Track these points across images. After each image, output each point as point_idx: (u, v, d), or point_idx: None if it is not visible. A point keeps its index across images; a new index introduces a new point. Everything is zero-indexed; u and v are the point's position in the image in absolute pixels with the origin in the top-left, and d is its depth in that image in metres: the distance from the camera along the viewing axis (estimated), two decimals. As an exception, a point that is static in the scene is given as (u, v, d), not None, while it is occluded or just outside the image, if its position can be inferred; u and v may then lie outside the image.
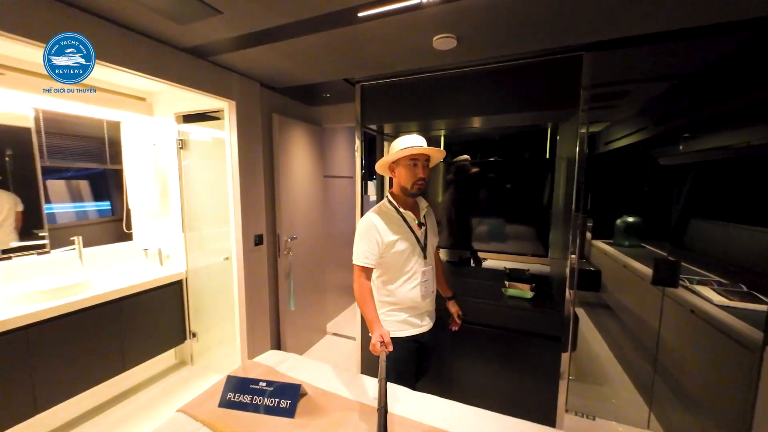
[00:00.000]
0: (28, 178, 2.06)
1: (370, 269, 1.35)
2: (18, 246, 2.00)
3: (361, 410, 1.19)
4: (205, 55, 1.76)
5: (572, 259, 1.73)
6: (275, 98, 2.44)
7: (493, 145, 2.59)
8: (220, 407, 1.19)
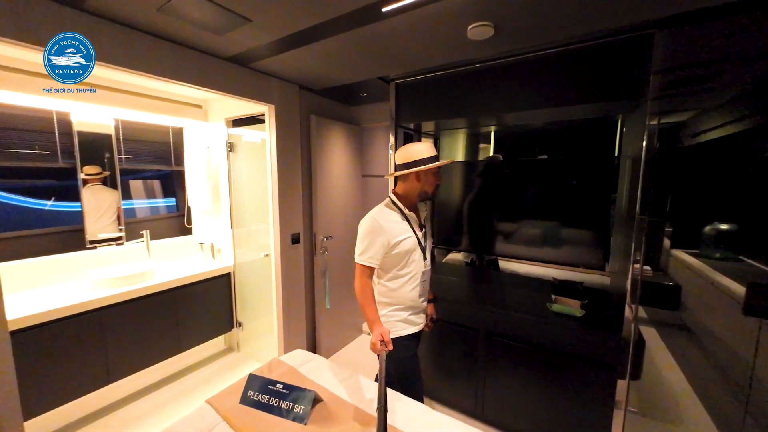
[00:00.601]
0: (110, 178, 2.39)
1: (373, 269, 1.37)
2: (103, 238, 2.34)
3: (374, 425, 1.14)
4: (245, 62, 1.85)
5: (634, 269, 1.47)
6: (314, 100, 2.49)
7: (550, 141, 2.33)
8: (240, 404, 1.24)
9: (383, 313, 1.44)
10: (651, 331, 3.00)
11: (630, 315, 1.52)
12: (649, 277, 2.12)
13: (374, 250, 1.34)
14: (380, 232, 1.35)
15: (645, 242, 1.47)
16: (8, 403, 1.21)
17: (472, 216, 2.31)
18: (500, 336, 1.82)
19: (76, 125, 2.21)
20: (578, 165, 1.94)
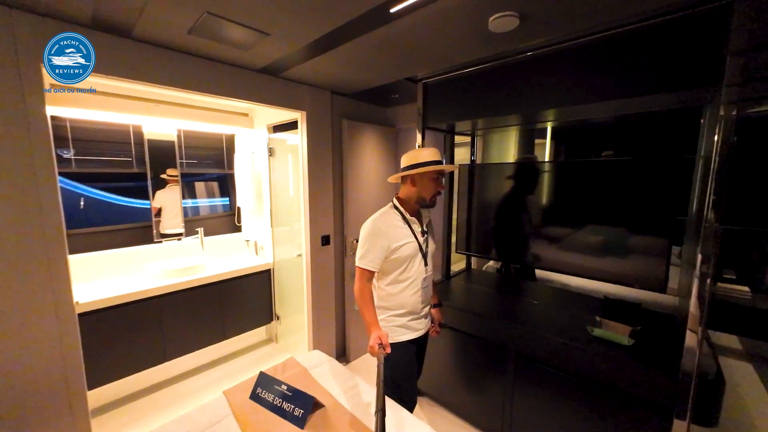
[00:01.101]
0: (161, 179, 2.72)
1: (373, 273, 1.37)
2: (168, 233, 2.69)
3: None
4: (275, 72, 1.94)
5: (697, 287, 1.21)
6: (347, 104, 2.52)
7: (616, 137, 2.05)
8: (249, 399, 1.31)
9: (382, 317, 1.43)
10: (747, 367, 2.46)
11: (695, 343, 1.24)
12: (747, 299, 1.73)
13: (373, 255, 1.34)
14: (380, 236, 1.34)
15: (715, 254, 1.19)
16: (75, 374, 1.45)
17: (505, 222, 2.14)
18: (531, 357, 1.64)
19: (147, 135, 2.56)
20: (644, 164, 1.65)
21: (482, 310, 1.87)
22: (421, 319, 1.49)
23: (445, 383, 2.06)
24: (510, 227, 2.12)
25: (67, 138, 2.30)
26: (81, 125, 2.34)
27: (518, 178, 2.08)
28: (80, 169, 2.39)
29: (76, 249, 2.31)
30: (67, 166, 2.31)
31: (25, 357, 1.32)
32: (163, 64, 1.58)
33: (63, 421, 1.43)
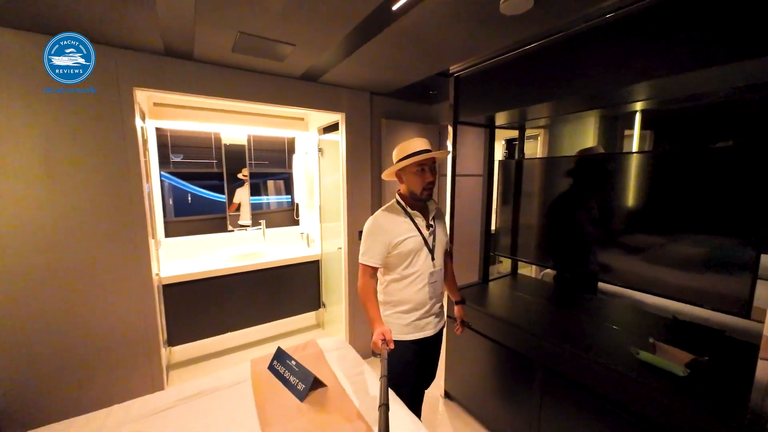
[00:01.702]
0: (238, 179, 3.18)
1: (375, 268, 1.37)
2: (242, 224, 3.15)
3: (360, 421, 1.17)
4: (314, 78, 2.12)
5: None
6: (387, 104, 2.58)
7: (728, 121, 1.67)
8: (267, 369, 1.48)
9: (388, 313, 1.43)
10: None
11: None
12: None
13: (375, 250, 1.35)
14: (381, 232, 1.35)
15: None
16: (151, 332, 1.84)
17: (564, 225, 1.90)
18: (562, 375, 1.47)
19: (224, 141, 3.04)
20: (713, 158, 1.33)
21: (516, 318, 1.73)
22: (431, 317, 1.46)
23: (474, 391, 1.97)
24: (569, 231, 1.87)
25: (167, 145, 2.89)
26: (178, 134, 2.92)
27: (581, 175, 1.81)
28: (177, 170, 2.98)
29: (178, 233, 2.89)
30: (170, 167, 2.91)
31: (116, 316, 1.73)
32: (219, 79, 1.88)
33: (143, 368, 1.83)
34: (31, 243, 1.52)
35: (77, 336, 1.65)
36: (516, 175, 2.14)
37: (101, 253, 1.67)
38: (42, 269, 1.55)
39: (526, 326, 1.64)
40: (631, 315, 1.78)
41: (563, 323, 1.67)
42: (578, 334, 1.55)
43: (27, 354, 1.55)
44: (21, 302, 1.52)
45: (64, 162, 1.55)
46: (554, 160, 2.04)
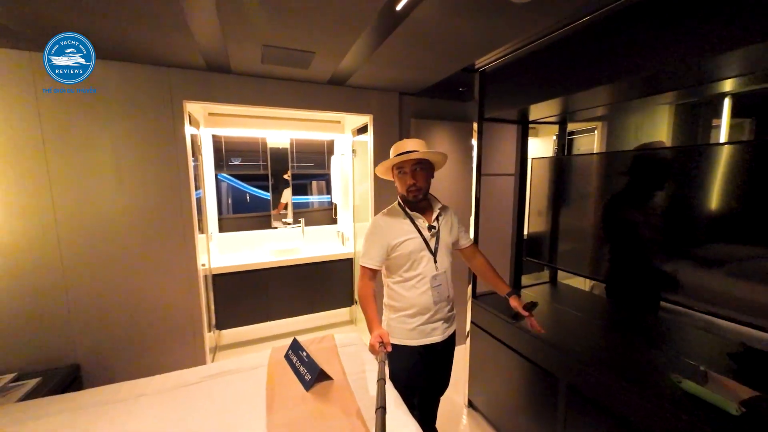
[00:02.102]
0: (285, 180, 3.42)
1: (375, 270, 1.36)
2: (286, 222, 3.40)
3: (351, 426, 1.19)
4: (341, 82, 2.20)
5: None
6: (418, 103, 2.56)
7: None
8: (283, 357, 1.59)
9: (393, 317, 1.41)
10: None
11: None
12: None
13: (373, 252, 1.35)
14: (379, 233, 1.35)
15: None
16: (196, 315, 2.09)
17: (614, 230, 1.64)
18: (588, 398, 1.32)
19: (269, 144, 3.30)
20: None
21: (550, 333, 1.56)
22: (437, 322, 1.41)
23: (498, 403, 1.87)
24: (628, 238, 1.57)
25: (221, 150, 3.23)
26: (231, 140, 3.25)
27: (646, 172, 1.50)
28: (232, 172, 3.32)
29: (231, 228, 3.23)
30: (226, 169, 3.26)
31: (167, 299, 2.00)
32: (255, 89, 2.06)
33: (188, 346, 2.09)
34: (104, 232, 1.83)
35: (138, 312, 1.95)
36: (556, 173, 1.94)
37: (156, 245, 1.94)
38: (112, 254, 1.86)
39: (558, 342, 1.48)
40: (693, 337, 1.51)
41: (607, 343, 1.47)
42: (621, 355, 1.37)
43: (101, 324, 1.87)
44: (98, 280, 1.84)
45: (129, 167, 1.84)
46: (608, 156, 1.76)
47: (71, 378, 1.78)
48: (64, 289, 1.78)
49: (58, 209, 1.74)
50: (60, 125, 1.70)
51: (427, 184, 1.38)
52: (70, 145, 1.73)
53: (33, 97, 1.64)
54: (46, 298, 1.75)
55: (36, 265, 1.71)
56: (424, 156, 1.32)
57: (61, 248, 1.76)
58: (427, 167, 1.36)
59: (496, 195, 2.93)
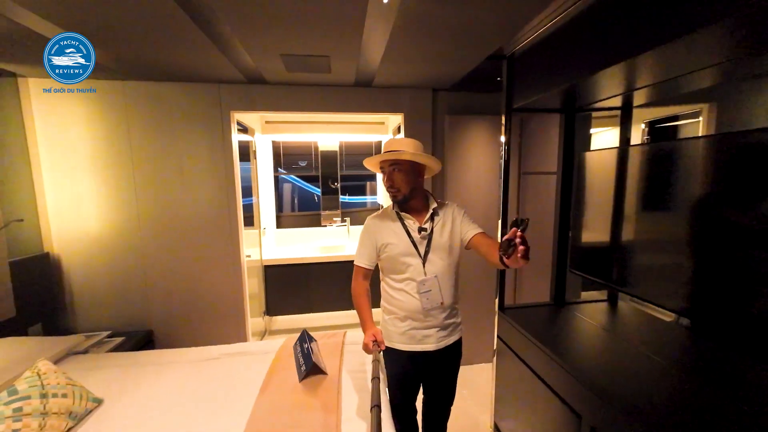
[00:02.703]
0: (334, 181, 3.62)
1: (367, 270, 1.35)
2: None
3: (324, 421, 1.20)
4: (367, 83, 2.22)
5: None
6: (453, 98, 2.42)
7: None
8: (293, 346, 1.68)
9: (387, 319, 1.38)
10: None
11: None
12: None
13: (363, 252, 1.35)
14: (370, 233, 1.34)
15: None
16: (239, 302, 2.36)
17: (703, 245, 1.17)
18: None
19: (320, 148, 3.54)
20: None
21: (591, 369, 1.25)
22: (431, 329, 1.32)
23: (522, 431, 1.65)
24: (725, 255, 1.10)
25: (279, 154, 3.59)
26: (288, 144, 3.59)
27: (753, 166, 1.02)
28: (287, 173, 3.66)
29: (289, 225, 3.58)
30: (283, 171, 3.61)
31: (218, 286, 2.32)
32: (288, 96, 2.23)
33: (233, 327, 2.38)
34: (171, 225, 2.22)
35: (195, 294, 2.30)
36: (619, 169, 1.55)
37: (208, 237, 2.27)
38: (177, 243, 2.24)
39: (588, 376, 1.20)
40: None
41: (668, 390, 1.12)
42: (681, 408, 1.06)
43: (168, 299, 2.27)
44: (166, 264, 2.24)
45: (190, 171, 2.20)
46: (711, 142, 1.17)
47: (146, 340, 2.21)
48: (142, 269, 2.22)
49: (140, 206, 2.18)
50: (142, 139, 2.12)
51: (407, 185, 1.28)
52: (149, 154, 2.14)
53: (124, 116, 2.09)
54: (130, 276, 2.21)
55: (123, 249, 2.18)
56: (397, 157, 1.24)
57: (141, 237, 2.20)
58: (406, 169, 1.27)
59: (541, 196, 2.58)
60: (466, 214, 1.38)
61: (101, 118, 2.07)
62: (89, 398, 1.28)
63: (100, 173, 2.11)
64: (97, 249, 2.16)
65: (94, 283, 2.18)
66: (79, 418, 1.21)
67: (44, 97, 1.98)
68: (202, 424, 1.21)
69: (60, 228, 2.11)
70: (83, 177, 2.10)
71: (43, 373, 1.22)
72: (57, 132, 2.03)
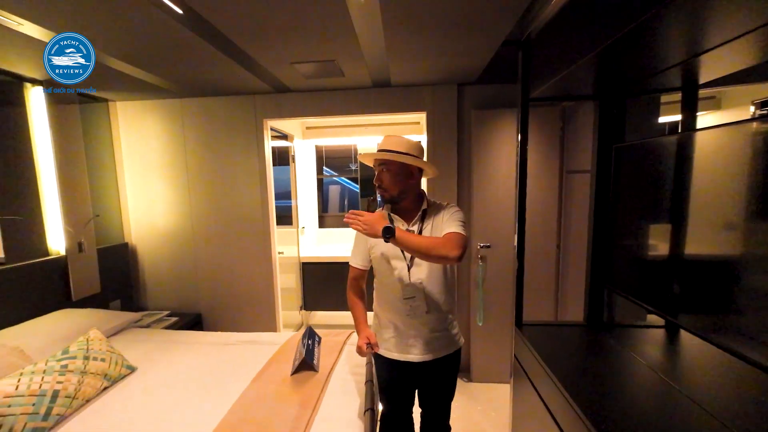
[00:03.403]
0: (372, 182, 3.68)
1: (361, 271, 1.32)
2: None
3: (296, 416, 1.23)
4: (385, 83, 2.20)
5: None
6: (482, 92, 2.25)
7: None
8: (300, 340, 1.76)
9: (375, 322, 1.35)
10: None
11: None
12: None
13: (357, 252, 1.33)
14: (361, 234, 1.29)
15: None
16: (270, 295, 2.56)
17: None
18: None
19: (359, 150, 3.63)
20: None
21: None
22: (415, 339, 1.24)
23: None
24: None
25: (322, 158, 3.79)
26: (330, 148, 3.77)
27: None
28: (335, 174, 3.85)
29: (332, 225, 3.78)
30: (326, 173, 3.81)
31: (252, 278, 2.54)
32: (313, 102, 2.34)
33: (265, 317, 2.58)
34: (217, 222, 2.52)
35: (234, 284, 2.57)
36: (677, 162, 1.18)
37: (246, 234, 2.51)
38: (220, 238, 2.53)
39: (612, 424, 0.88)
40: None
41: None
42: None
43: (213, 287, 2.59)
44: (212, 255, 2.56)
45: (230, 173, 2.47)
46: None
47: (195, 321, 2.55)
48: (194, 260, 2.57)
49: (192, 205, 2.52)
50: (194, 147, 2.46)
51: (396, 187, 1.22)
52: (199, 160, 2.47)
53: (181, 129, 2.45)
54: (185, 265, 2.57)
55: (180, 241, 2.55)
56: (383, 158, 1.20)
57: (193, 232, 2.55)
58: (395, 170, 1.21)
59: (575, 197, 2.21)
60: (457, 213, 1.25)
61: (166, 131, 2.46)
62: (124, 365, 1.53)
63: (165, 177, 2.51)
64: (162, 241, 2.58)
65: (160, 270, 2.60)
66: (113, 381, 1.46)
67: (127, 115, 2.45)
68: (195, 403, 1.34)
69: (136, 223, 2.57)
70: (153, 180, 2.52)
71: (91, 339, 1.51)
72: (135, 143, 2.49)
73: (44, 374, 1.26)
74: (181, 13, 1.23)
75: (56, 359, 1.34)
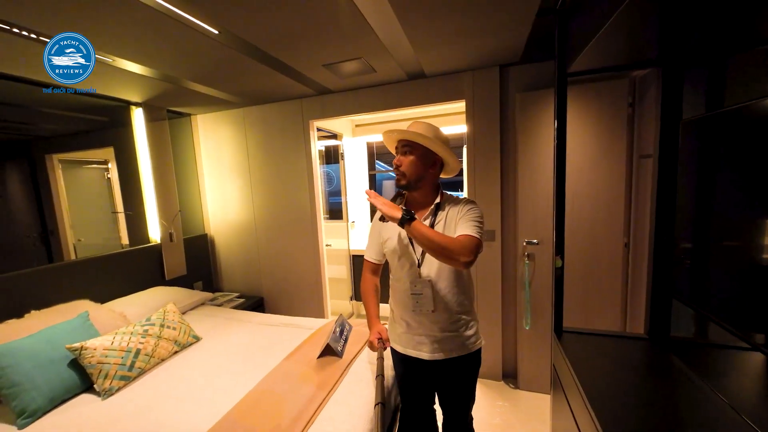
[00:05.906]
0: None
1: (375, 264, 1.34)
2: None
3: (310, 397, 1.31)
4: (419, 74, 2.14)
5: None
6: (528, 72, 2.03)
7: None
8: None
9: (391, 316, 1.35)
10: None
11: None
12: None
13: (371, 246, 1.34)
14: (376, 227, 1.32)
15: None
16: (318, 283, 2.75)
17: None
18: None
19: (409, 145, 3.62)
20: None
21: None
22: (423, 336, 1.21)
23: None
24: None
25: (373, 154, 3.89)
26: (381, 144, 3.84)
27: None
28: (381, 170, 3.93)
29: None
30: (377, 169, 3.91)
31: (304, 268, 2.77)
32: (354, 100, 2.42)
33: (315, 305, 2.79)
34: (275, 217, 2.82)
35: (290, 273, 2.84)
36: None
37: (297, 228, 2.75)
38: (278, 231, 2.82)
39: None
40: None
41: None
42: None
43: (273, 273, 2.90)
44: (271, 246, 2.87)
45: (285, 173, 2.72)
46: None
47: (258, 304, 2.90)
48: (257, 249, 2.92)
49: (255, 202, 2.86)
50: (255, 150, 2.78)
51: (415, 172, 1.16)
52: (259, 161, 2.79)
53: (243, 135, 2.79)
54: (250, 254, 2.94)
55: (246, 234, 2.93)
56: (412, 138, 1.14)
57: (255, 225, 2.89)
58: (418, 154, 1.15)
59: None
60: (474, 211, 1.15)
61: (233, 137, 2.84)
62: (191, 334, 1.85)
63: (234, 178, 2.90)
64: (233, 233, 2.99)
65: (231, 258, 3.02)
66: (182, 347, 1.78)
67: (205, 126, 2.90)
68: (239, 372, 1.54)
69: (213, 217, 3.03)
70: (226, 181, 2.94)
71: (167, 311, 1.85)
72: (211, 149, 2.93)
73: (131, 335, 1.60)
74: (217, 33, 1.41)
75: (141, 324, 1.69)
